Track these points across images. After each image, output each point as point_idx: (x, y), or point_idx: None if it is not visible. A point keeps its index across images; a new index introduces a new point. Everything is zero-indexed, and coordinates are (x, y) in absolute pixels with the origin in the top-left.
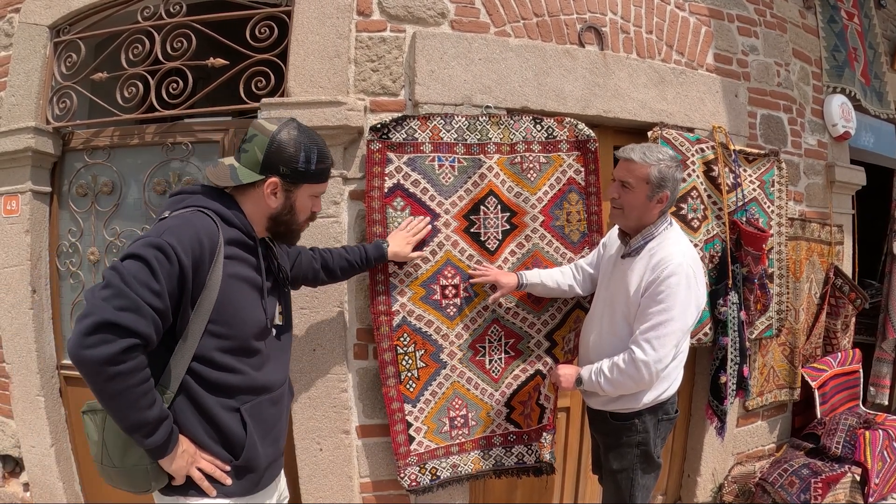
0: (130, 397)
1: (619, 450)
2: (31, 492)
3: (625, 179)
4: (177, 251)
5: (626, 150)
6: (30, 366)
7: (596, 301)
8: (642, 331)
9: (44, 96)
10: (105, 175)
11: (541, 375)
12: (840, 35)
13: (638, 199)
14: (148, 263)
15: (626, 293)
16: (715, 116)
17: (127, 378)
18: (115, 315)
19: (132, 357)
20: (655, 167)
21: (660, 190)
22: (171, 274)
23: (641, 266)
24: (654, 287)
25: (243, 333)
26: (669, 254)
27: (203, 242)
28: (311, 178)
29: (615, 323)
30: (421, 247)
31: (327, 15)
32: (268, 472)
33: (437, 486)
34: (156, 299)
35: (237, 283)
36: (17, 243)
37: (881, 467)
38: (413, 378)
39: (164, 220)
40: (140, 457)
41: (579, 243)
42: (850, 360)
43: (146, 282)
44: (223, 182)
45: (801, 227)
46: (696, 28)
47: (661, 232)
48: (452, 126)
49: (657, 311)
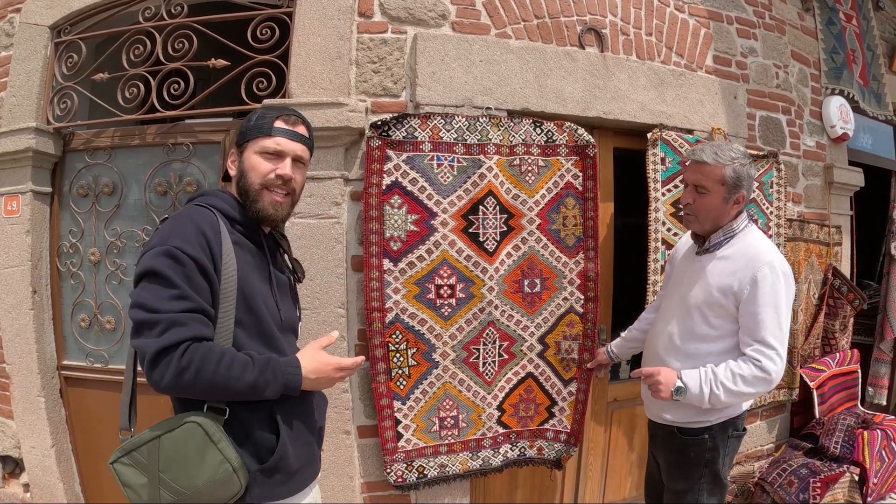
0: (223, 381)
1: (685, 468)
2: (32, 492)
3: (699, 183)
4: (184, 250)
5: (697, 152)
6: (30, 366)
7: (668, 303)
8: (761, 338)
9: (45, 97)
10: (106, 176)
11: (532, 378)
12: (838, 37)
13: (714, 203)
14: (160, 275)
15: (707, 289)
16: (714, 118)
17: (204, 373)
18: (158, 342)
19: (192, 355)
20: (730, 167)
21: (736, 190)
22: (187, 273)
23: (730, 264)
24: (757, 286)
25: (266, 322)
26: (765, 249)
27: (205, 231)
28: (253, 131)
29: (690, 320)
30: (416, 245)
31: (329, 16)
32: (299, 476)
33: (424, 484)
34: (183, 303)
35: (247, 270)
36: (18, 244)
37: (879, 467)
38: (404, 375)
39: (163, 224)
40: (220, 462)
41: (574, 248)
42: (849, 360)
43: (165, 295)
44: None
45: (800, 228)
46: (695, 30)
47: (742, 228)
48: (452, 126)
49: (769, 313)
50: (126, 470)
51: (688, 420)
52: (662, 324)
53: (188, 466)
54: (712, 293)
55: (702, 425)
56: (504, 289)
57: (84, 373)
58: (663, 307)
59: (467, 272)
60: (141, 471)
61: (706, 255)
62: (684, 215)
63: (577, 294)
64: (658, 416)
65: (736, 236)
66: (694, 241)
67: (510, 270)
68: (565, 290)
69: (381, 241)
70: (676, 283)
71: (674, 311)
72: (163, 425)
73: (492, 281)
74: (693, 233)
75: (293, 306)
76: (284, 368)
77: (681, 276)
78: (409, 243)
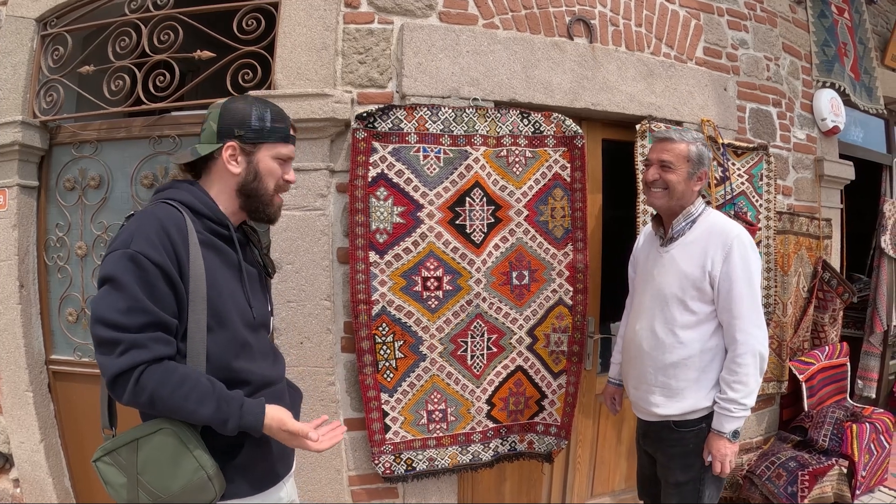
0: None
1: (686, 459)
2: (21, 488)
3: (664, 159)
4: (147, 255)
5: (661, 133)
6: (18, 361)
7: (640, 302)
8: (739, 315)
9: (31, 90)
10: (93, 169)
11: (522, 371)
12: (830, 30)
13: (680, 177)
14: (119, 283)
15: (680, 275)
16: (704, 110)
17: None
18: (117, 365)
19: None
20: (693, 145)
21: (699, 167)
22: (149, 280)
23: (698, 245)
24: (730, 261)
25: (236, 328)
26: (730, 225)
27: (170, 232)
28: (269, 135)
29: (669, 311)
30: (403, 237)
31: (314, 7)
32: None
33: (413, 477)
34: (142, 316)
35: (216, 271)
36: (5, 238)
37: (868, 460)
38: (391, 368)
39: (129, 221)
40: (195, 469)
41: (563, 239)
42: (838, 353)
43: (123, 307)
44: (184, 159)
45: (790, 220)
46: (685, 21)
47: (701, 212)
48: (439, 117)
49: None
50: (107, 469)
51: (682, 412)
52: (640, 323)
53: (164, 471)
54: (687, 278)
55: (697, 415)
56: (492, 281)
57: (72, 367)
58: (636, 307)
59: (454, 264)
60: (121, 471)
61: (671, 244)
62: (650, 193)
63: (566, 286)
64: (650, 413)
65: (696, 221)
66: (655, 232)
67: (498, 262)
68: (554, 282)
69: (367, 233)
70: (645, 280)
71: (650, 308)
72: (140, 429)
73: (479, 273)
74: (654, 224)
75: (264, 300)
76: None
77: (649, 272)
78: (395, 235)
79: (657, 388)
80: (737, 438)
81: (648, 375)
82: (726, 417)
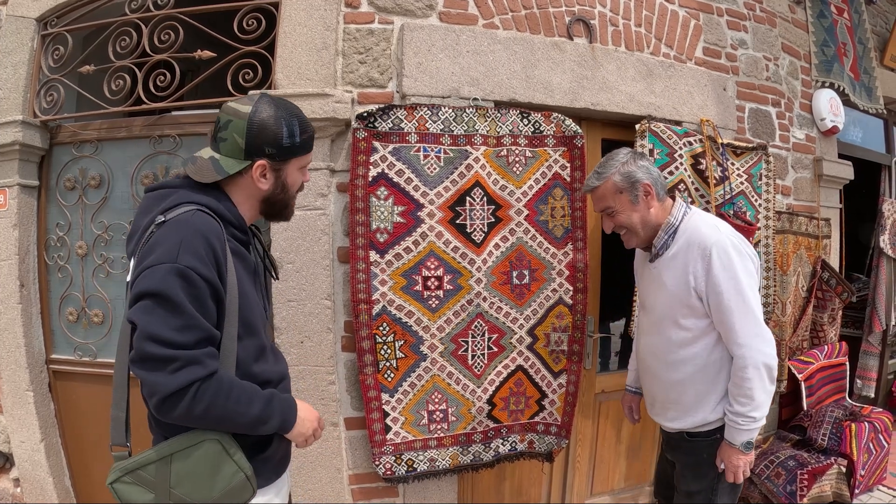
0: (230, 415)
1: (699, 469)
2: (22, 487)
3: (603, 207)
4: (198, 270)
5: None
6: (19, 361)
7: (642, 316)
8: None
9: (31, 89)
10: (93, 168)
11: (522, 371)
12: (829, 30)
13: (627, 212)
14: (170, 300)
15: (667, 294)
16: (703, 110)
17: (213, 409)
18: (175, 382)
19: (205, 393)
20: (615, 174)
21: (635, 187)
22: (199, 297)
23: (679, 260)
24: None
25: (260, 335)
26: (706, 233)
27: (214, 245)
28: (298, 150)
29: (664, 329)
30: (403, 237)
31: (315, 6)
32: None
33: (414, 478)
34: (194, 333)
35: (244, 280)
36: (5, 238)
37: (867, 459)
38: (391, 368)
39: (165, 228)
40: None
41: (563, 239)
42: (837, 352)
43: (176, 324)
44: (209, 178)
45: (789, 220)
46: (685, 21)
47: (681, 219)
48: (439, 117)
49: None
50: (128, 489)
51: (694, 426)
52: (645, 338)
53: (203, 480)
54: (674, 297)
55: (709, 427)
56: (492, 280)
57: (72, 366)
58: (640, 320)
59: (455, 264)
60: (147, 488)
61: (658, 259)
62: (623, 238)
63: (567, 285)
64: (665, 425)
65: (678, 230)
66: (643, 250)
67: (498, 262)
68: (554, 281)
69: (367, 232)
70: (642, 294)
71: (648, 326)
72: (173, 444)
73: (479, 272)
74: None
75: (266, 297)
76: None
77: (646, 288)
78: (395, 235)
79: (670, 405)
80: (749, 449)
81: (659, 394)
82: (736, 430)
